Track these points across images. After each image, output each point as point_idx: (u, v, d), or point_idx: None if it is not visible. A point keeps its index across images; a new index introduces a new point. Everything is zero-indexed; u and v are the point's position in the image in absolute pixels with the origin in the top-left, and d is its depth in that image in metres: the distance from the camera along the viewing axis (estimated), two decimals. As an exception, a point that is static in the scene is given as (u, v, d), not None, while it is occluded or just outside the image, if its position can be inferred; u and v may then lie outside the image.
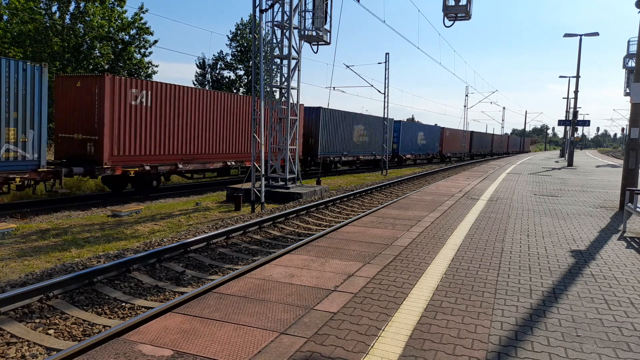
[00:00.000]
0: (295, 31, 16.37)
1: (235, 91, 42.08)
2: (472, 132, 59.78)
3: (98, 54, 28.23)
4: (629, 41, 31.40)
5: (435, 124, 49.64)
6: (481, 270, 5.38)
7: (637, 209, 7.59)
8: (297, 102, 17.11)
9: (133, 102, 15.05)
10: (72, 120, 14.78)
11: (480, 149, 64.12)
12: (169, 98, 16.45)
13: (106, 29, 28.02)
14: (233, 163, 19.84)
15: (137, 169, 15.40)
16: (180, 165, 17.09)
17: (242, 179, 17.91)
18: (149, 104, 15.64)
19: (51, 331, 5.34)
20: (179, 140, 17.01)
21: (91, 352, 3.28)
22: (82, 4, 26.98)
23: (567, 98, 43.17)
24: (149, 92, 15.63)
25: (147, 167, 15.76)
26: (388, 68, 30.61)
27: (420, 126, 44.80)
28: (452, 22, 14.52)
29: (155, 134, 16.03)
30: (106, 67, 28.42)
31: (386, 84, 30.62)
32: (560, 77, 51.60)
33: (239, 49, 42.84)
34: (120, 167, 14.80)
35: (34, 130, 12.50)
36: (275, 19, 15.68)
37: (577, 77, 30.87)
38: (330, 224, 12.05)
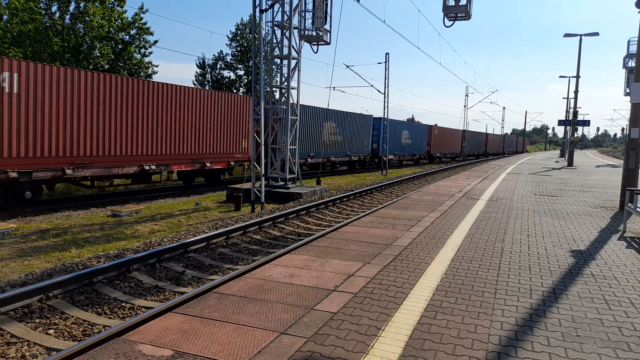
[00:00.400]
0: (295, 31, 16.37)
1: (235, 91, 42.08)
2: (464, 131, 56.46)
3: (98, 54, 28.22)
4: (629, 41, 31.42)
5: (418, 121, 45.84)
6: (481, 270, 5.38)
7: (637, 209, 7.59)
8: (297, 102, 17.12)
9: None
10: None
11: (474, 149, 60.59)
12: (50, 83, 12.85)
13: (106, 29, 28.02)
14: (154, 167, 16.06)
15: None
16: (69, 171, 13.38)
17: (243, 179, 17.90)
18: (14, 90, 12.06)
19: (51, 331, 5.34)
20: (66, 139, 13.36)
21: (91, 352, 3.28)
22: (82, 4, 26.97)
23: (567, 98, 43.20)
24: (16, 75, 12.04)
25: (14, 174, 12.14)
26: (388, 68, 30.62)
27: (405, 124, 40.81)
28: (452, 22, 14.53)
29: (27, 128, 12.38)
30: (106, 67, 28.43)
31: (386, 84, 30.64)
32: (560, 77, 51.61)
33: (239, 49, 42.83)
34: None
35: None
36: (275, 19, 15.69)
37: (577, 77, 30.87)
38: (330, 224, 12.05)
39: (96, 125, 14.22)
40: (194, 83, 43.61)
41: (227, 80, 43.27)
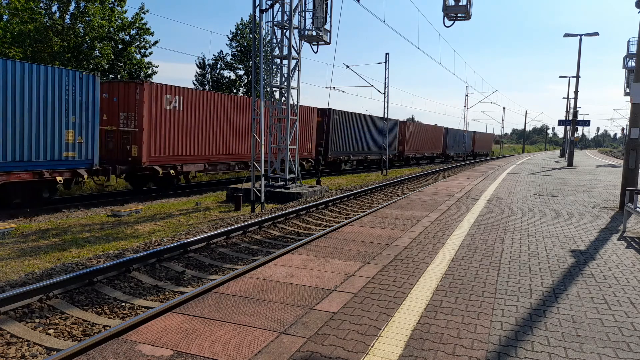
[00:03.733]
0: (295, 31, 16.36)
1: (235, 91, 42.07)
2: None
3: (98, 54, 28.20)
4: (629, 41, 31.42)
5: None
6: (481, 270, 5.38)
7: (637, 209, 7.59)
8: (297, 102, 17.11)
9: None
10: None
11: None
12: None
13: (106, 29, 28.01)
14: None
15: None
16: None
17: (243, 179, 17.94)
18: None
19: (51, 331, 5.34)
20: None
21: (91, 352, 3.28)
22: (82, 4, 26.96)
23: (567, 98, 43.20)
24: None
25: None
26: (388, 68, 30.62)
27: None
28: (452, 22, 14.52)
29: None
30: (106, 67, 28.42)
31: (386, 83, 30.63)
32: (560, 77, 51.62)
33: (239, 49, 42.80)
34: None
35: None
36: (275, 19, 15.68)
37: (577, 77, 30.87)
38: (330, 224, 12.05)
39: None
40: (193, 83, 43.60)
41: (227, 80, 43.27)
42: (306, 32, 17.17)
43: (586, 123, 36.58)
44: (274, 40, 16.14)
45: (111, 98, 15.99)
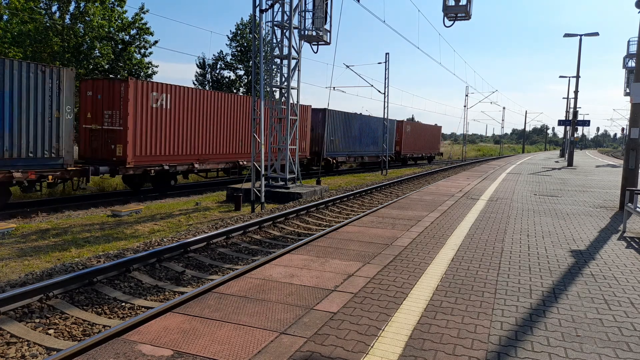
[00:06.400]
0: (295, 31, 16.37)
1: (235, 91, 42.06)
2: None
3: (98, 54, 28.20)
4: (629, 41, 31.42)
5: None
6: (481, 270, 5.38)
7: (637, 209, 7.59)
8: (297, 102, 17.11)
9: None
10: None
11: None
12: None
13: (106, 29, 28.01)
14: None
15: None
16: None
17: (242, 179, 17.92)
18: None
19: (51, 331, 5.34)
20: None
21: (91, 352, 3.28)
22: (82, 4, 26.96)
23: (567, 98, 43.19)
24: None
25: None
26: (388, 68, 30.61)
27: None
28: (452, 22, 14.52)
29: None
30: (106, 67, 28.42)
31: (386, 83, 30.63)
32: (560, 77, 51.64)
33: (239, 49, 42.82)
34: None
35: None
36: (275, 19, 15.68)
37: (577, 77, 30.87)
38: (330, 224, 12.05)
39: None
40: (194, 83, 43.64)
41: (227, 80, 43.27)
42: (306, 32, 17.18)
43: (586, 123, 36.61)
44: (274, 40, 16.14)
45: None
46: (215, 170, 19.76)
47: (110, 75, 27.59)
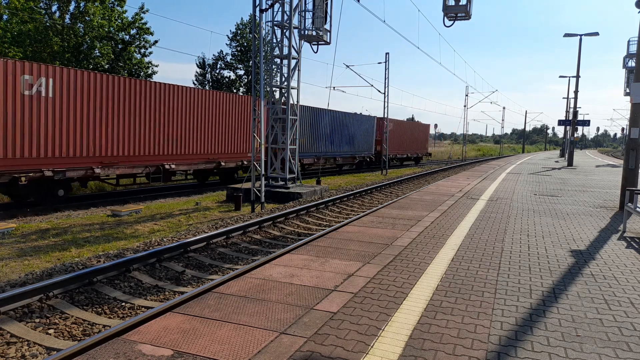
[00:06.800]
0: (295, 31, 16.37)
1: (235, 91, 42.06)
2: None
3: (98, 54, 28.22)
4: (629, 41, 31.42)
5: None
6: (481, 270, 5.38)
7: (637, 209, 7.59)
8: (297, 102, 17.11)
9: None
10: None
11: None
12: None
13: (106, 29, 28.01)
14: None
15: None
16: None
17: (243, 179, 17.91)
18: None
19: (51, 331, 5.34)
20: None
21: (91, 351, 3.28)
22: (82, 4, 26.97)
23: (567, 98, 43.19)
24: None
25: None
26: (388, 68, 30.62)
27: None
28: (452, 22, 14.53)
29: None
30: (106, 67, 28.41)
31: (386, 83, 30.63)
32: (560, 77, 51.59)
33: (239, 48, 42.83)
34: None
35: None
36: (275, 19, 15.69)
37: (577, 77, 30.86)
38: (330, 224, 12.05)
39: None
40: (194, 83, 43.64)
41: (227, 80, 43.28)
42: (306, 32, 17.18)
43: (586, 123, 36.57)
44: (274, 40, 16.14)
45: None
46: (132, 176, 16.17)
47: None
